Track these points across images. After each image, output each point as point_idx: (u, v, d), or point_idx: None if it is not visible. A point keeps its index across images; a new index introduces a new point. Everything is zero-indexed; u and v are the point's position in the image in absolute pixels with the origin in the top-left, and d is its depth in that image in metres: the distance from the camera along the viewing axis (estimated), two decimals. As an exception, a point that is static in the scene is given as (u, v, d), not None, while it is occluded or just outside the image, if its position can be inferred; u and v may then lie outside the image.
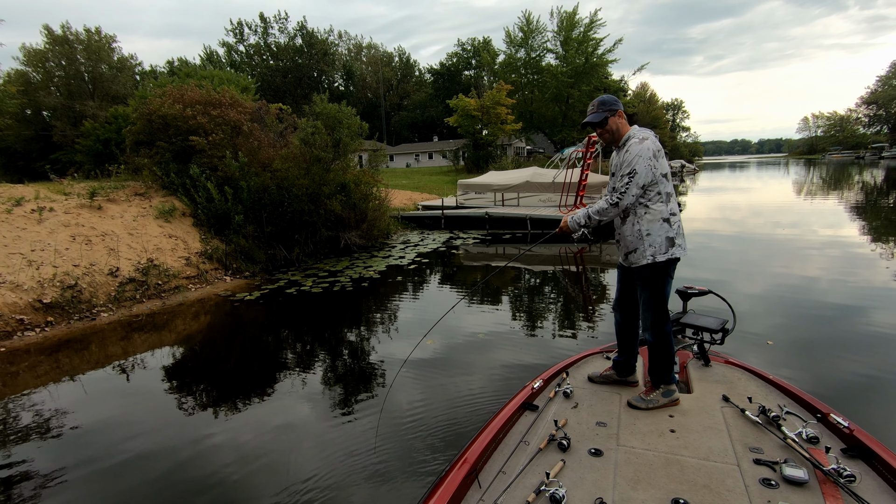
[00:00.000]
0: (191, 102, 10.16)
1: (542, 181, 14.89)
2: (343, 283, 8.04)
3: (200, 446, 3.47)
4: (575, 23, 37.46)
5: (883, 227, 12.10)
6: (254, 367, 5.06)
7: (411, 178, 27.90)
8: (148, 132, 10.23)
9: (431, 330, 4.07)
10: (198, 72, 19.47)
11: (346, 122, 9.96)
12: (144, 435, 3.66)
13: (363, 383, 4.45)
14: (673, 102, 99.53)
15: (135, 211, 8.99)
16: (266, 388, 4.44)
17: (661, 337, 2.60)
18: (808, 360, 4.45)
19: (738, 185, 30.71)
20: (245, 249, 9.16)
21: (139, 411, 4.10)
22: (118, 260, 7.54)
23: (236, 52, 59.02)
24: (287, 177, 9.50)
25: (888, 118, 69.40)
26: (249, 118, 10.94)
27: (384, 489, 2.87)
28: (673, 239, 2.54)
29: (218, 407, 4.10)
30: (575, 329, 5.74)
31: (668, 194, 2.56)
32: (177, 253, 8.38)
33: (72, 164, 20.37)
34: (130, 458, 3.38)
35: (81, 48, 32.07)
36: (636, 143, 2.52)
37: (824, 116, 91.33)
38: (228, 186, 9.52)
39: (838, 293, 6.51)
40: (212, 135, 9.85)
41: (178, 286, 7.81)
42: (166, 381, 4.71)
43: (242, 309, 6.99)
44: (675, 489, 1.89)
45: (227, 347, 5.80)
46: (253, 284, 8.29)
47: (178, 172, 9.76)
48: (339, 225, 10.59)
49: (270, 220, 9.93)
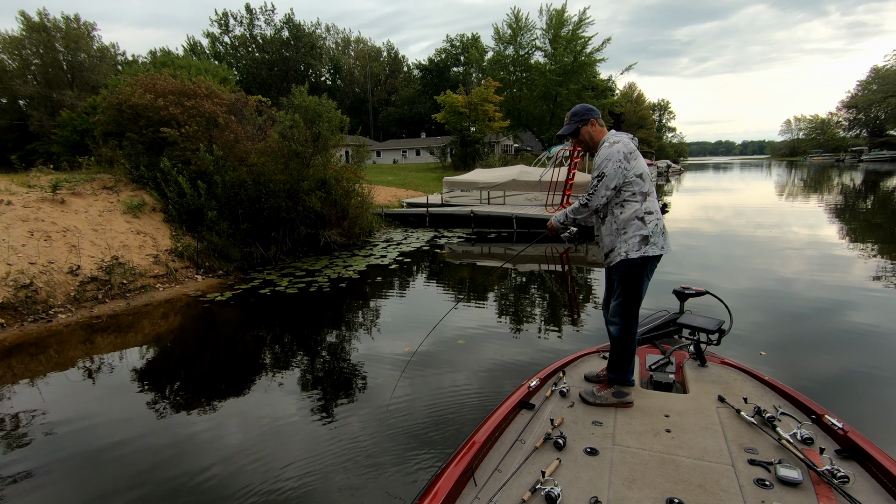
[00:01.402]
0: (163, 92, 9.70)
1: (528, 180, 14.70)
2: (320, 284, 7.73)
3: (160, 457, 3.17)
4: (564, 21, 37.38)
5: (861, 229, 12.19)
6: (221, 373, 4.74)
7: (397, 174, 27.53)
8: (117, 122, 9.76)
9: (434, 330, 3.83)
10: (174, 61, 18.81)
11: (325, 115, 9.58)
12: (102, 444, 3.35)
13: (338, 391, 4.17)
14: (659, 103, 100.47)
15: (101, 205, 8.54)
16: (233, 396, 4.13)
17: (624, 334, 2.64)
18: (793, 358, 4.54)
19: (722, 186, 31.00)
20: (218, 247, 8.78)
21: (98, 417, 3.77)
22: (79, 257, 7.12)
23: (221, 43, 57.75)
24: (263, 172, 9.12)
25: (867, 122, 70.90)
26: (226, 110, 10.52)
27: (382, 489, 2.83)
28: (647, 237, 2.55)
29: (179, 416, 3.79)
30: (570, 328, 5.66)
31: (645, 193, 2.60)
32: (144, 250, 7.97)
33: (49, 155, 19.72)
34: (86, 469, 3.06)
35: (60, 36, 31.09)
36: (606, 146, 2.61)
37: (806, 119, 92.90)
38: (202, 181, 9.12)
39: (820, 292, 6.58)
40: (185, 126, 9.42)
41: (144, 286, 7.41)
42: (125, 387, 4.37)
43: (212, 310, 6.64)
44: (670, 489, 1.89)
45: (192, 352, 5.47)
46: (226, 284, 7.93)
47: (149, 165, 9.32)
48: (319, 222, 10.25)
49: (247, 217, 9.54)
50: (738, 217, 14.93)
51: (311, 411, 3.83)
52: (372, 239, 12.04)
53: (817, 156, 76.00)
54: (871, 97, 63.91)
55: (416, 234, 12.99)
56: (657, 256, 2.59)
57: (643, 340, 3.36)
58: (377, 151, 52.93)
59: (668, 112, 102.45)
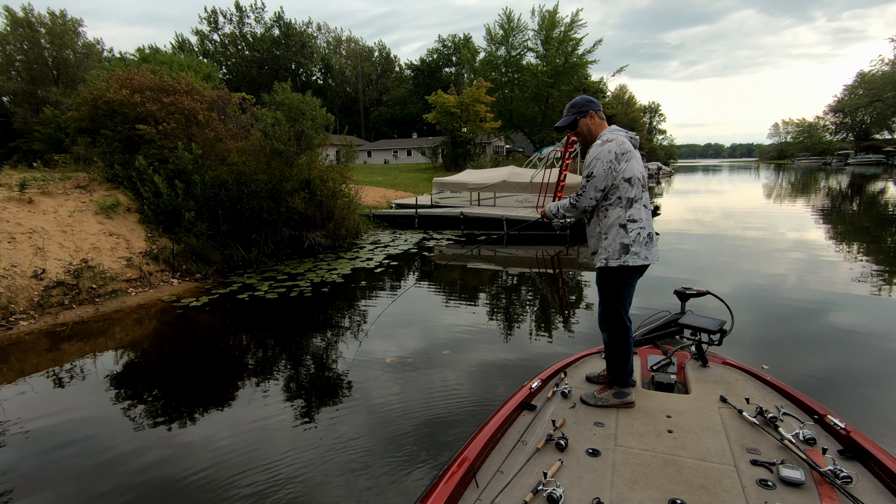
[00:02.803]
0: (140, 88, 9.33)
1: (519, 181, 14.49)
2: (302, 289, 7.42)
3: (125, 478, 2.87)
4: (556, 22, 37.34)
5: (849, 231, 12.15)
6: (191, 385, 4.43)
7: (387, 174, 27.22)
8: (92, 119, 9.36)
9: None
10: (157, 57, 18.33)
11: (309, 113, 9.26)
12: (61, 461, 3.03)
13: (316, 404, 3.88)
14: (650, 105, 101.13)
15: (72, 206, 8.15)
16: (202, 410, 3.83)
17: (613, 340, 2.59)
18: (790, 357, 4.62)
19: (711, 188, 31.13)
20: (196, 249, 8.43)
21: (60, 431, 3.46)
22: (45, 260, 6.74)
23: (210, 41, 57.00)
24: (244, 171, 8.79)
25: (853, 126, 71.91)
26: (207, 107, 10.16)
27: (381, 490, 2.82)
28: (628, 246, 2.45)
29: (146, 431, 3.48)
30: (572, 329, 5.65)
31: (630, 199, 2.47)
32: (117, 253, 7.60)
33: (33, 153, 19.19)
34: (41, 490, 2.76)
35: (45, 32, 30.55)
36: (598, 144, 2.49)
37: (794, 123, 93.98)
38: (180, 180, 8.76)
39: (810, 293, 6.66)
40: (163, 124, 9.05)
41: (115, 290, 7.05)
42: (88, 399, 4.05)
43: (185, 317, 6.31)
44: (672, 489, 1.88)
45: (162, 362, 5.14)
46: (203, 288, 7.59)
47: (125, 164, 8.94)
48: (304, 224, 9.93)
49: (227, 218, 9.20)
50: (727, 219, 14.98)
51: (286, 424, 3.55)
52: (359, 241, 11.73)
53: (805, 159, 76.95)
54: (857, 101, 64.79)
55: (404, 235, 12.71)
56: (640, 266, 2.49)
57: (645, 341, 3.35)
58: (368, 152, 52.50)
59: (659, 114, 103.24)
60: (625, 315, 2.58)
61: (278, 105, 9.40)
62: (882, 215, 15.22)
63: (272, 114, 9.09)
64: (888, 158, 55.44)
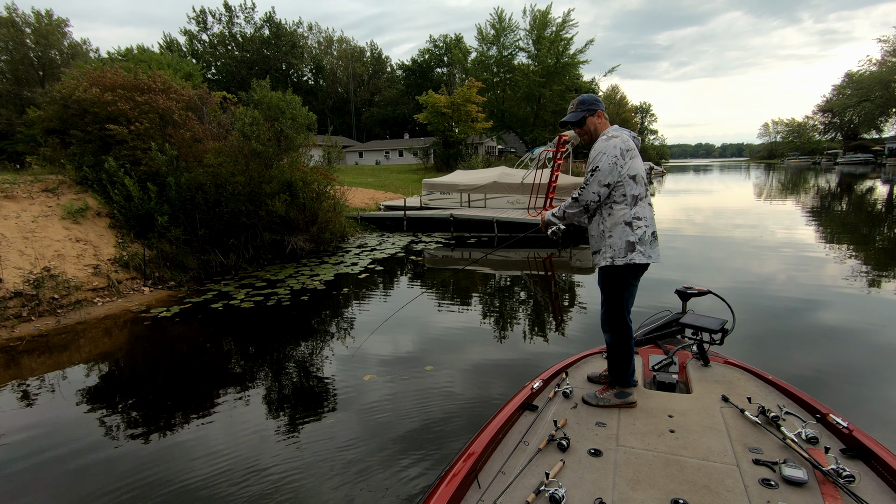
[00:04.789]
0: (112, 86, 8.89)
1: (510, 182, 14.19)
2: (280, 296, 7.04)
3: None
4: (547, 22, 37.15)
5: (838, 231, 11.99)
6: (152, 404, 4.04)
7: (378, 175, 26.83)
8: (60, 119, 8.91)
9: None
10: (135, 56, 17.82)
11: (289, 112, 8.86)
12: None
13: (289, 426, 3.52)
14: (641, 106, 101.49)
15: (36, 210, 7.70)
16: (162, 432, 3.45)
17: (615, 340, 2.57)
18: (786, 356, 4.62)
19: (702, 188, 31.08)
20: (170, 255, 8.01)
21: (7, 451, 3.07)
22: (3, 269, 6.30)
23: (199, 41, 56.28)
24: (220, 173, 8.38)
25: (842, 126, 72.48)
26: (184, 106, 9.74)
27: (381, 493, 2.79)
28: (633, 244, 2.43)
29: (102, 453, 3.10)
30: (572, 329, 5.62)
31: (635, 197, 2.46)
32: (83, 260, 7.18)
33: (17, 155, 18.65)
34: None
35: (30, 32, 30.05)
36: (603, 140, 2.48)
37: (783, 123, 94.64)
38: (153, 183, 8.34)
39: (802, 291, 6.66)
40: (135, 123, 8.62)
41: (80, 300, 6.63)
42: (39, 419, 3.65)
43: (152, 329, 5.91)
44: (674, 489, 1.87)
45: (122, 378, 4.73)
46: (175, 297, 7.18)
47: (94, 166, 8.50)
48: (286, 227, 9.54)
49: (205, 222, 8.79)
50: (719, 218, 14.92)
51: (269, 437, 3.18)
52: (345, 244, 11.35)
53: (794, 158, 77.52)
54: (845, 101, 65.23)
55: (392, 238, 12.34)
56: (644, 265, 2.48)
57: (646, 341, 3.34)
58: (360, 153, 52.03)
59: (650, 115, 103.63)
60: (627, 315, 2.56)
61: (256, 104, 8.99)
62: (871, 213, 15.12)
63: (250, 113, 8.68)
64: (876, 158, 55.89)
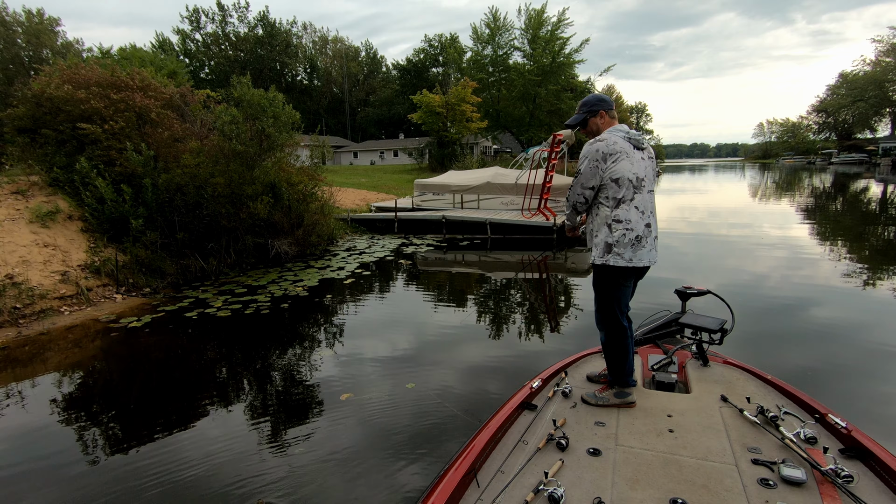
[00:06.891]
0: (85, 83, 8.50)
1: (504, 182, 13.87)
2: (260, 304, 6.68)
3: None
4: (542, 21, 36.90)
5: (834, 230, 11.76)
6: (116, 422, 3.68)
7: (371, 176, 26.45)
8: (32, 117, 8.50)
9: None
10: (117, 52, 17.39)
11: (270, 110, 8.48)
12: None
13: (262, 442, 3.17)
14: (637, 106, 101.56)
15: (2, 213, 7.31)
16: (124, 452, 3.09)
17: (608, 339, 2.59)
18: (783, 355, 4.63)
19: (698, 187, 30.92)
20: (146, 260, 7.63)
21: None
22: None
23: (192, 40, 55.65)
24: (199, 174, 8.01)
25: (836, 126, 72.68)
26: (163, 104, 9.35)
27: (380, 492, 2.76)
28: (611, 246, 2.45)
29: (59, 474, 2.73)
30: (572, 329, 5.55)
31: (618, 200, 2.46)
32: (50, 266, 6.79)
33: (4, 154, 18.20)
34: None
35: (21, 31, 29.59)
36: (588, 143, 2.52)
37: (778, 123, 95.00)
38: (129, 184, 7.96)
39: (797, 290, 6.69)
40: (109, 122, 8.23)
41: (45, 309, 6.24)
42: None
43: (119, 340, 5.53)
44: (673, 489, 1.87)
45: (84, 394, 4.36)
46: (149, 304, 6.81)
47: (66, 167, 8.10)
48: (270, 230, 9.17)
49: (184, 225, 8.41)
50: (714, 217, 14.82)
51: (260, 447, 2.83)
52: (333, 247, 10.99)
53: (789, 158, 77.68)
54: (839, 101, 65.37)
55: (382, 241, 11.99)
56: (634, 269, 2.47)
57: (645, 340, 3.34)
58: (354, 153, 51.62)
59: (646, 115, 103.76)
60: (621, 316, 2.54)
61: (236, 101, 8.62)
62: (865, 213, 14.92)
63: (229, 111, 8.30)
64: (870, 157, 55.99)
